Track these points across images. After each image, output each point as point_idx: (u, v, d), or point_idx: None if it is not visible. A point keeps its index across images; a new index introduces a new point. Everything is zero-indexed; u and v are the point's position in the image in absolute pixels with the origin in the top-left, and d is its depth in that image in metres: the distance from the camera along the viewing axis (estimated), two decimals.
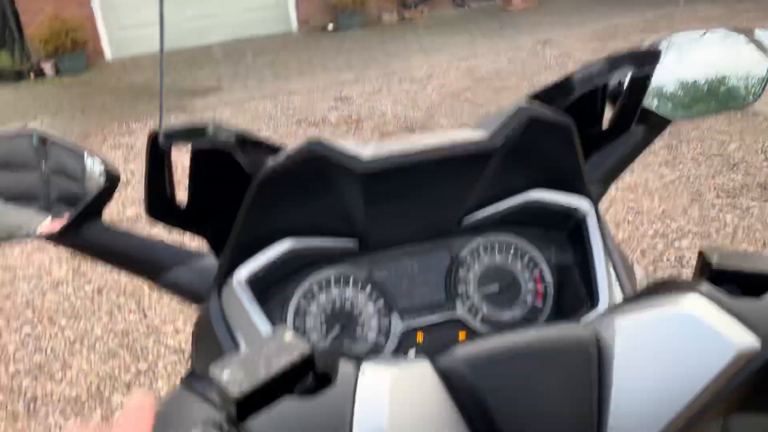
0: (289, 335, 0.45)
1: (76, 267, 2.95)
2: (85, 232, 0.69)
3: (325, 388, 0.43)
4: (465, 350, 0.50)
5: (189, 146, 0.61)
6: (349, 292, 0.71)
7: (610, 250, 0.72)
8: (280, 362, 0.43)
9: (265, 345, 0.44)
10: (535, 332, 0.50)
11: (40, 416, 2.14)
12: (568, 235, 0.75)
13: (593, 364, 0.49)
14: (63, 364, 2.36)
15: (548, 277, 0.75)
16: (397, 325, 0.72)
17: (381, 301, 0.72)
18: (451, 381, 0.48)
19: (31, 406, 2.18)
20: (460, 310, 0.73)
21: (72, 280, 2.86)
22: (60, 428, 2.07)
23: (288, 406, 0.41)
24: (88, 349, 2.43)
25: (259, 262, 0.65)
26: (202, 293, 0.71)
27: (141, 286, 2.76)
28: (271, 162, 0.59)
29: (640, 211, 3.14)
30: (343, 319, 0.71)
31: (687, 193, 3.29)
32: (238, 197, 0.62)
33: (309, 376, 0.45)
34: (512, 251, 0.75)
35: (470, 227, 0.74)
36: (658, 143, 3.85)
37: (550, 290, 0.75)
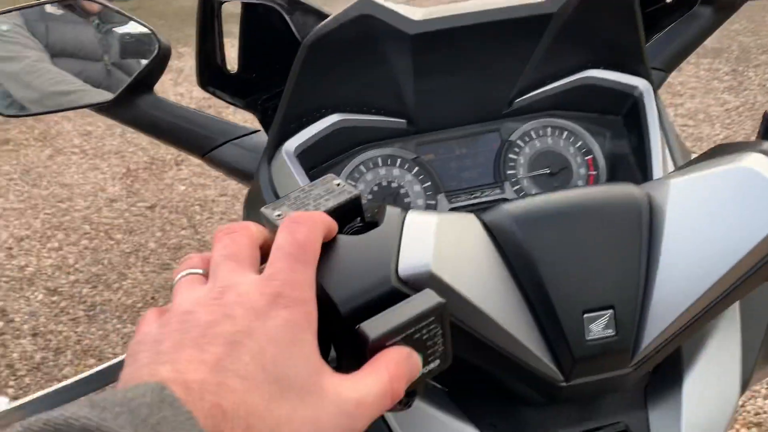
0: (337, 179, 0.45)
1: (130, 184, 3.03)
2: (137, 104, 0.70)
3: (373, 229, 0.43)
4: (513, 206, 0.49)
5: (239, 5, 0.61)
6: (397, 172, 0.71)
7: (668, 136, 0.70)
8: (329, 203, 0.43)
9: (315, 188, 0.44)
10: (585, 191, 0.49)
11: (98, 321, 2.24)
12: (623, 120, 0.73)
13: (644, 222, 0.48)
14: (119, 275, 2.45)
15: (601, 164, 0.73)
16: (444, 206, 0.71)
17: (428, 182, 0.71)
18: (496, 234, 0.48)
19: (91, 312, 2.28)
20: (508, 192, 0.72)
21: (126, 197, 2.94)
22: (117, 332, 2.17)
23: (338, 242, 0.41)
24: (143, 262, 2.52)
25: (308, 134, 0.65)
26: (251, 171, 0.71)
27: (192, 204, 2.83)
28: (321, 24, 0.58)
29: (699, 137, 3.04)
30: (389, 199, 0.71)
31: (751, 121, 3.15)
32: (288, 65, 0.61)
33: (357, 221, 0.45)
34: (564, 136, 0.73)
35: (522, 110, 0.72)
36: (724, 67, 3.69)
37: (602, 178, 0.73)
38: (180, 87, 4.11)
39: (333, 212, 0.43)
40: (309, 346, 0.32)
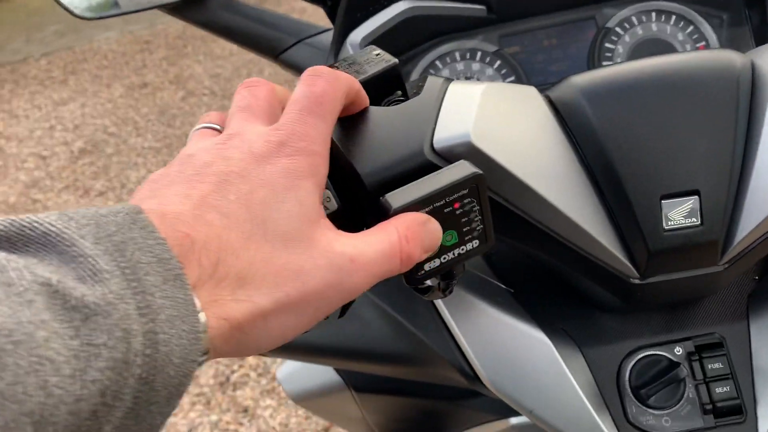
0: (377, 50, 0.41)
1: None
2: (207, 5, 0.68)
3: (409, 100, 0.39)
4: (582, 77, 0.42)
5: None
6: (476, 66, 0.65)
7: None
8: (366, 72, 0.39)
9: (353, 59, 0.40)
10: (670, 58, 0.41)
11: None
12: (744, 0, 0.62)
13: (742, 94, 0.39)
14: None
15: None
16: None
17: (512, 77, 0.65)
18: (561, 110, 0.41)
19: None
20: None
21: None
22: None
23: (370, 113, 0.37)
24: None
25: (375, 24, 0.60)
26: None
27: None
28: None
29: None
30: None
31: None
32: None
33: (396, 94, 0.40)
34: (672, 21, 0.63)
35: None
36: None
37: None
38: None
39: (369, 82, 0.38)
40: (306, 195, 0.30)
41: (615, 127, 0.40)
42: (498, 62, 0.65)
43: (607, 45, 0.64)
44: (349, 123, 0.37)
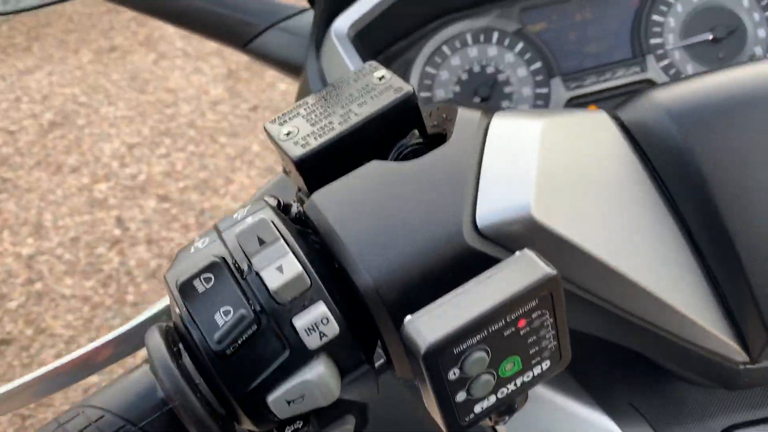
0: (381, 70, 0.29)
1: (232, 86, 2.96)
2: None
3: (437, 147, 0.27)
4: (666, 93, 0.30)
5: None
6: (493, 51, 0.52)
7: None
8: (365, 108, 0.27)
9: (348, 84, 0.28)
10: None
11: (208, 227, 2.24)
12: None
13: None
14: (226, 180, 2.43)
15: None
16: (560, 94, 0.52)
17: (538, 63, 0.52)
18: (640, 139, 0.30)
19: (200, 219, 2.28)
20: (653, 71, 0.51)
21: (228, 99, 2.88)
22: None
23: (374, 171, 0.25)
24: (248, 166, 2.47)
25: (365, 6, 0.47)
26: (302, 60, 0.55)
27: (293, 103, 2.72)
28: None
29: None
30: (484, 89, 0.53)
31: None
32: None
33: (412, 134, 0.28)
34: None
35: None
36: None
37: None
38: None
39: (372, 123, 0.26)
40: None
41: (720, 163, 0.28)
42: (520, 44, 0.52)
43: (655, 17, 0.51)
44: (344, 190, 0.25)
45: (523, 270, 0.23)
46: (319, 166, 0.27)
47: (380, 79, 0.28)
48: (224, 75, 3.02)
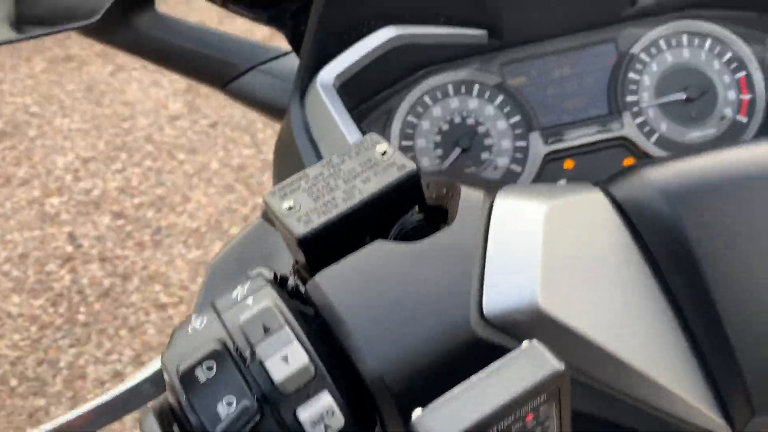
0: (383, 144, 0.29)
1: (191, 101, 2.92)
2: (135, 24, 0.54)
3: (440, 228, 0.27)
4: (658, 172, 0.31)
5: None
6: (474, 103, 0.53)
7: None
8: (369, 185, 0.27)
9: (349, 158, 0.28)
10: None
11: (164, 246, 2.19)
12: None
13: None
14: (183, 197, 2.39)
15: (758, 84, 0.53)
16: (538, 148, 0.53)
17: (517, 116, 0.53)
18: (632, 214, 0.30)
19: (157, 237, 2.24)
20: (629, 127, 0.53)
21: (187, 114, 2.84)
22: (182, 258, 2.12)
23: (379, 252, 0.25)
24: (206, 183, 2.44)
25: (351, 58, 0.48)
26: (284, 104, 0.55)
27: (254, 120, 2.70)
28: None
29: None
30: (464, 140, 0.54)
31: None
32: None
33: (413, 211, 0.29)
34: (707, 45, 0.53)
35: (649, 9, 0.52)
36: None
37: (761, 100, 0.53)
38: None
39: (376, 200, 0.26)
40: None
41: (710, 244, 0.29)
42: (500, 97, 0.53)
43: (632, 75, 0.53)
44: (349, 273, 0.25)
45: (532, 364, 0.23)
46: (322, 243, 0.27)
47: (383, 154, 0.28)
48: (183, 89, 2.98)
